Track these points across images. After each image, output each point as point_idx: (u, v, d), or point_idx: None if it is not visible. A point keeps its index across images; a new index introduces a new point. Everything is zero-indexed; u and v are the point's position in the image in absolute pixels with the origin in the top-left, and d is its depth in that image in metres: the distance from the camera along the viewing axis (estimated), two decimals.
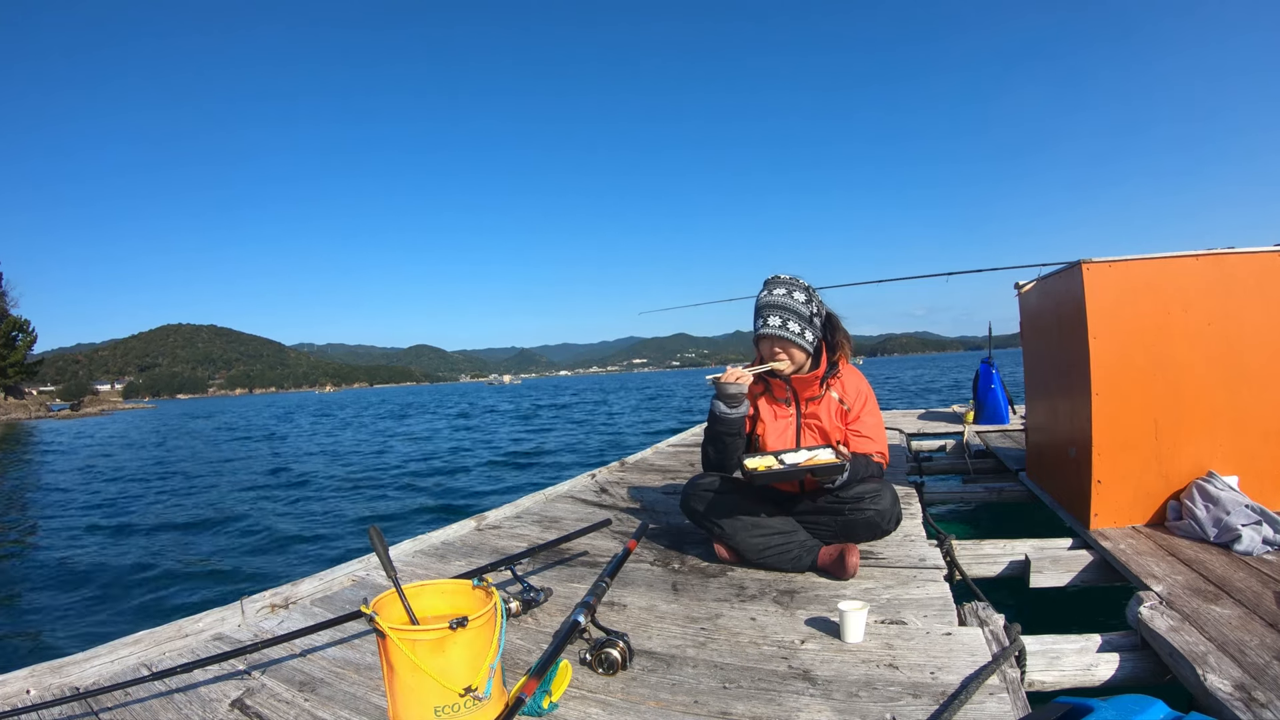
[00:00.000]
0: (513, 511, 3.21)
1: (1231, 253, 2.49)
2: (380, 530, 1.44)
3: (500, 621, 1.30)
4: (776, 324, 2.21)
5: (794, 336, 2.21)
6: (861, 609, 1.63)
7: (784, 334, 2.20)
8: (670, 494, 3.46)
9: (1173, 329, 2.49)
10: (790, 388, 2.30)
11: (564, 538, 2.47)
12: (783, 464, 2.06)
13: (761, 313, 2.25)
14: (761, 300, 2.27)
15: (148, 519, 7.08)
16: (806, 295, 2.26)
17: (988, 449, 4.82)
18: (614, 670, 1.51)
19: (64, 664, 1.63)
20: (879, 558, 2.27)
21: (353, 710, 1.40)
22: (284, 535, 6.01)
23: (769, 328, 2.22)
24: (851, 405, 2.29)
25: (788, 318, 2.21)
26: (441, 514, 6.49)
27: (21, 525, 7.29)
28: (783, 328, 2.20)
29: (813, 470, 2.04)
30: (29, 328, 51.20)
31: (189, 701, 1.46)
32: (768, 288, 2.28)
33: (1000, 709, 1.30)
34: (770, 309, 2.23)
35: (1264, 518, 2.20)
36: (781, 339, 2.21)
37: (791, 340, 2.21)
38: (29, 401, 48.92)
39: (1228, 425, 2.47)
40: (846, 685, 1.42)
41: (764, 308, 2.25)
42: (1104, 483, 2.53)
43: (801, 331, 2.22)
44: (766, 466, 2.06)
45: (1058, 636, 1.78)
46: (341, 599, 2.09)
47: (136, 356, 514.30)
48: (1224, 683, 1.41)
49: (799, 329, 2.22)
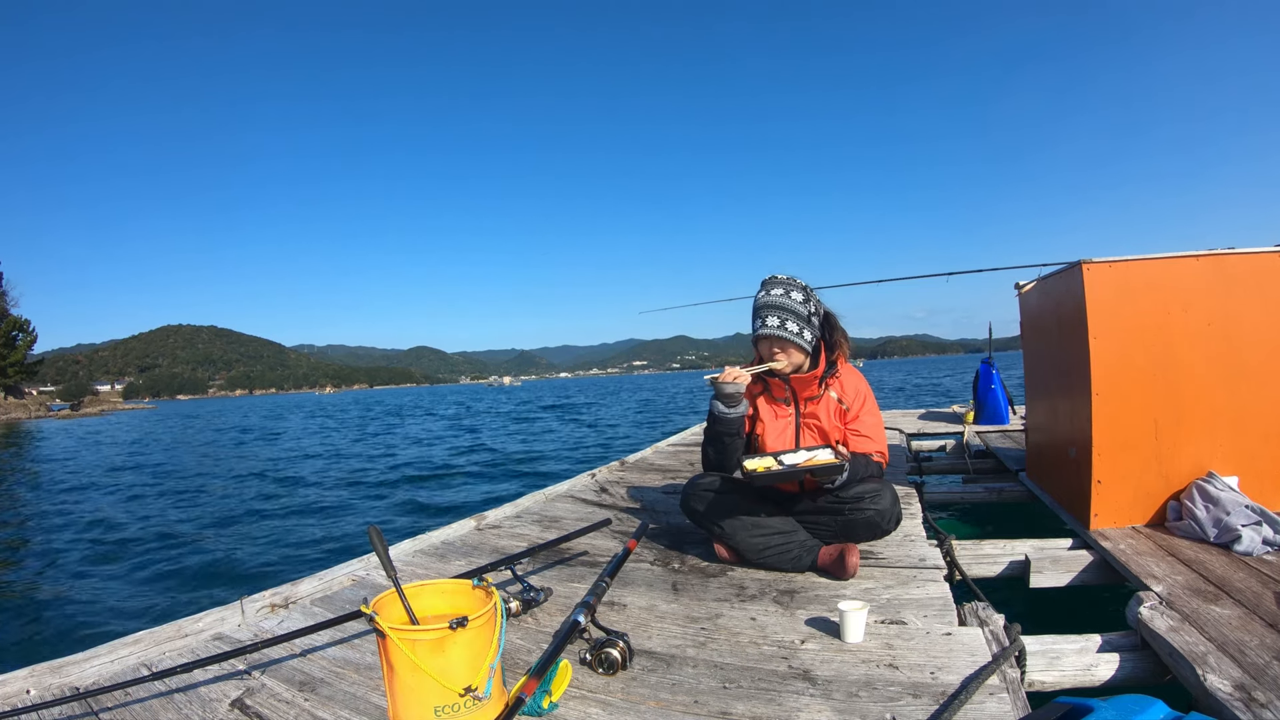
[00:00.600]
0: (513, 511, 3.21)
1: (1231, 253, 2.49)
2: (380, 530, 1.44)
3: (500, 621, 1.30)
4: (775, 324, 2.22)
5: (792, 336, 2.21)
6: (861, 609, 1.63)
7: (782, 334, 2.21)
8: (670, 494, 3.46)
9: (1173, 329, 2.49)
10: (789, 387, 2.30)
11: (564, 537, 2.47)
12: (782, 465, 2.07)
13: (760, 313, 2.26)
14: (759, 301, 2.28)
15: (147, 519, 7.08)
16: (804, 295, 2.27)
17: (988, 449, 4.82)
18: (614, 670, 1.51)
19: (64, 664, 1.63)
20: (879, 558, 2.27)
21: (353, 710, 1.40)
22: (284, 535, 6.01)
23: (767, 328, 2.22)
24: (850, 405, 2.29)
25: (786, 317, 2.22)
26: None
27: (22, 525, 7.29)
28: (781, 327, 2.21)
29: (812, 471, 2.04)
30: (29, 327, 51.22)
31: (189, 701, 1.46)
32: (765, 288, 2.29)
33: (1000, 709, 1.30)
34: (768, 309, 2.24)
35: (1264, 518, 2.20)
36: (780, 339, 2.22)
37: (790, 340, 2.22)
38: (29, 401, 48.92)
39: (1228, 425, 2.47)
40: (846, 685, 1.42)
41: (762, 308, 2.26)
42: (1104, 483, 2.53)
43: (800, 331, 2.23)
44: (766, 468, 2.06)
45: (1058, 636, 1.78)
46: (341, 599, 2.09)
47: (136, 357, 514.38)
48: (1224, 683, 1.41)
49: (797, 329, 2.22)
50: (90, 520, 7.13)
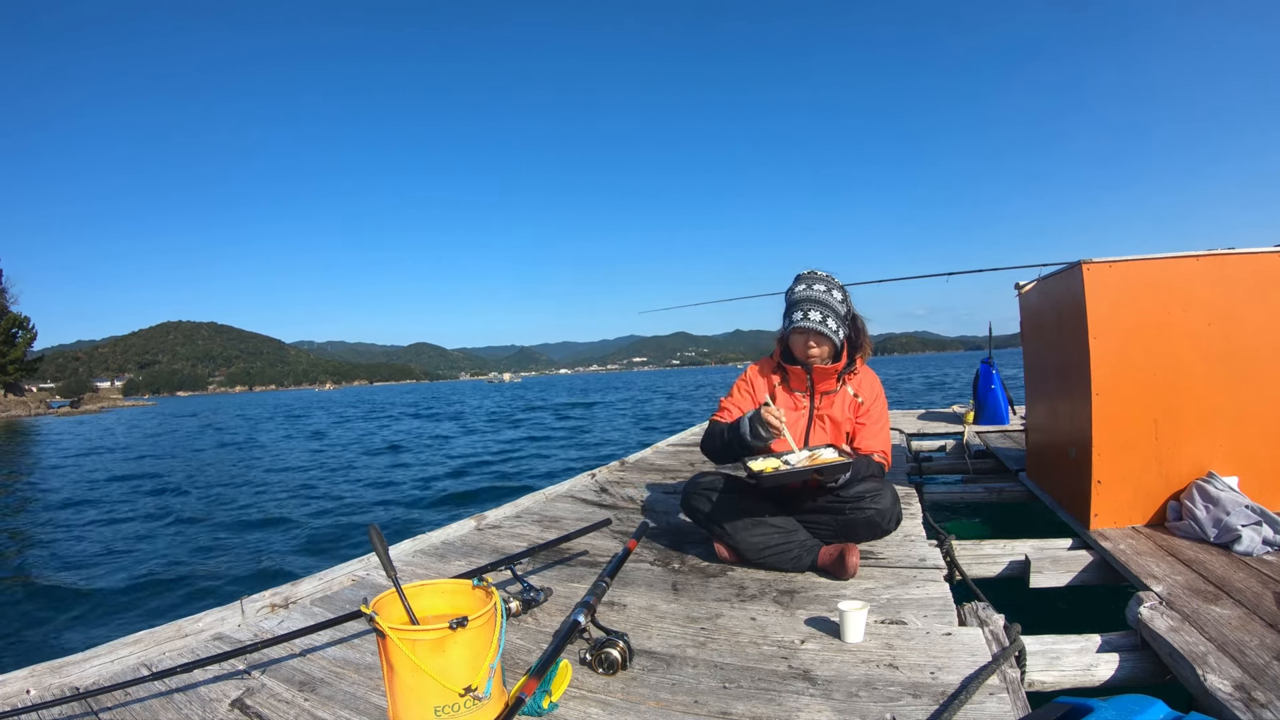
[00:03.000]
0: (513, 511, 3.21)
1: (1232, 253, 2.49)
2: (380, 530, 1.44)
3: (500, 621, 1.30)
4: (817, 318, 2.24)
5: (830, 333, 2.25)
6: (861, 609, 1.63)
7: (823, 330, 2.24)
8: (670, 494, 3.46)
9: (1173, 329, 2.49)
10: (809, 377, 2.34)
11: (564, 537, 2.47)
12: (789, 465, 2.07)
13: (801, 306, 2.27)
14: (800, 294, 2.29)
15: (146, 518, 7.08)
16: (842, 294, 2.32)
17: (988, 449, 4.82)
18: (614, 670, 1.51)
19: (64, 664, 1.63)
20: (879, 558, 2.27)
21: (353, 710, 1.40)
22: (283, 536, 6.01)
23: (809, 321, 2.24)
24: (865, 402, 2.33)
25: (827, 314, 2.25)
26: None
27: (21, 525, 7.29)
28: (823, 323, 2.24)
29: (818, 470, 2.05)
30: (29, 324, 51.12)
31: (189, 701, 1.46)
32: (806, 283, 2.30)
33: (1000, 709, 1.30)
34: (811, 303, 2.26)
35: (1264, 518, 2.20)
36: (819, 334, 2.25)
37: (828, 337, 2.25)
38: (29, 398, 48.88)
39: (1228, 425, 2.47)
40: (846, 685, 1.42)
41: (804, 301, 2.27)
42: (1104, 483, 2.53)
43: (837, 329, 2.27)
44: (774, 469, 2.07)
45: (1058, 636, 1.78)
46: (341, 599, 2.09)
47: (136, 354, 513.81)
48: (1224, 683, 1.41)
49: (836, 326, 2.26)
50: (90, 520, 7.13)
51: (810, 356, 2.29)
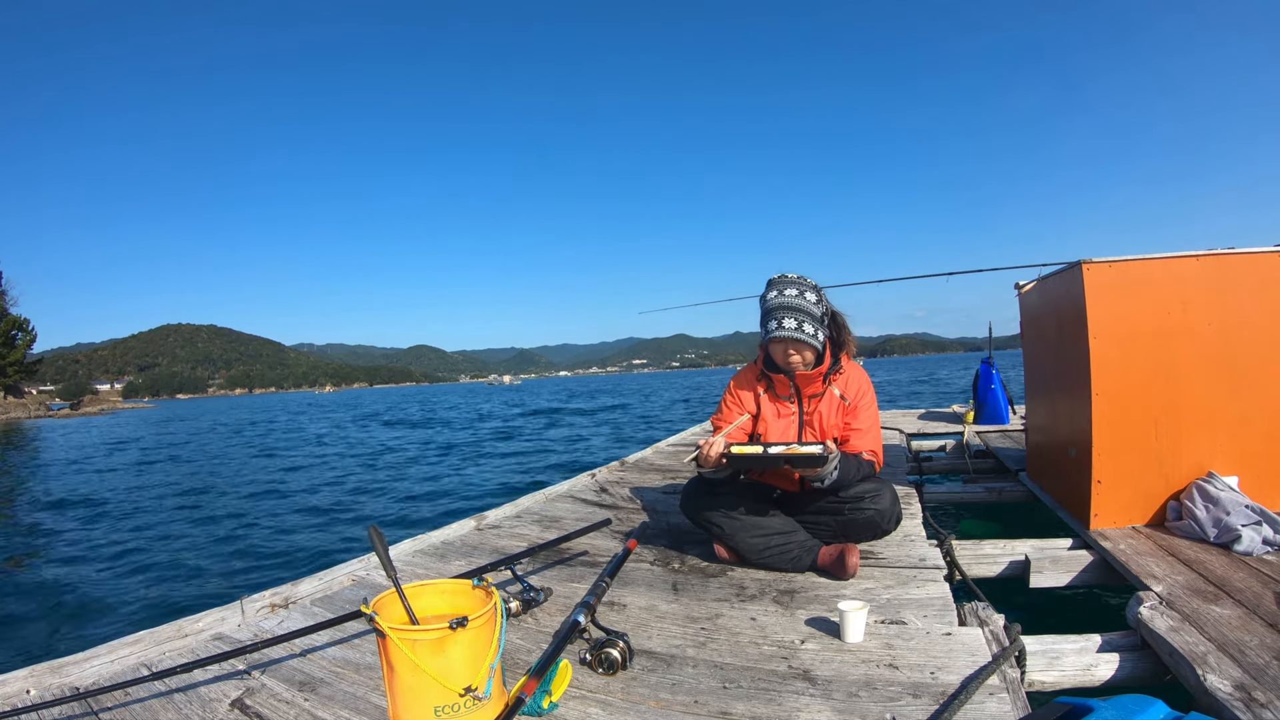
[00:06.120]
0: (513, 511, 3.21)
1: (1231, 253, 2.49)
2: (380, 529, 1.44)
3: (500, 621, 1.30)
4: (792, 326, 2.17)
5: (809, 339, 2.19)
6: (861, 609, 1.63)
7: (800, 336, 2.18)
8: (670, 494, 3.46)
9: (1173, 329, 2.49)
10: (793, 384, 2.30)
11: (564, 537, 2.47)
12: (764, 452, 2.06)
13: (775, 314, 2.21)
14: (773, 302, 2.22)
15: (146, 518, 7.08)
16: (817, 295, 2.24)
17: (988, 449, 4.82)
18: (614, 670, 1.51)
19: (64, 664, 1.63)
20: (879, 558, 2.27)
21: (353, 710, 1.40)
22: (283, 535, 6.00)
23: (784, 330, 2.18)
24: (853, 401, 2.29)
25: (803, 320, 2.18)
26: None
27: (20, 525, 7.28)
28: (798, 330, 2.17)
29: (791, 460, 2.00)
30: (28, 326, 51.13)
31: (189, 701, 1.46)
32: (777, 289, 2.23)
33: (1000, 709, 1.30)
34: (785, 311, 2.19)
35: (1264, 518, 2.20)
36: (797, 341, 2.19)
37: (806, 343, 2.19)
38: (28, 401, 48.88)
39: (1228, 425, 2.47)
40: (846, 685, 1.42)
41: (777, 309, 2.20)
42: (1104, 483, 2.53)
43: (815, 333, 2.20)
44: (749, 453, 2.07)
45: (1058, 636, 1.78)
46: (341, 599, 2.09)
47: (136, 356, 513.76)
48: (1224, 683, 1.41)
49: (813, 330, 2.20)
50: (89, 520, 7.13)
51: (791, 364, 2.23)
